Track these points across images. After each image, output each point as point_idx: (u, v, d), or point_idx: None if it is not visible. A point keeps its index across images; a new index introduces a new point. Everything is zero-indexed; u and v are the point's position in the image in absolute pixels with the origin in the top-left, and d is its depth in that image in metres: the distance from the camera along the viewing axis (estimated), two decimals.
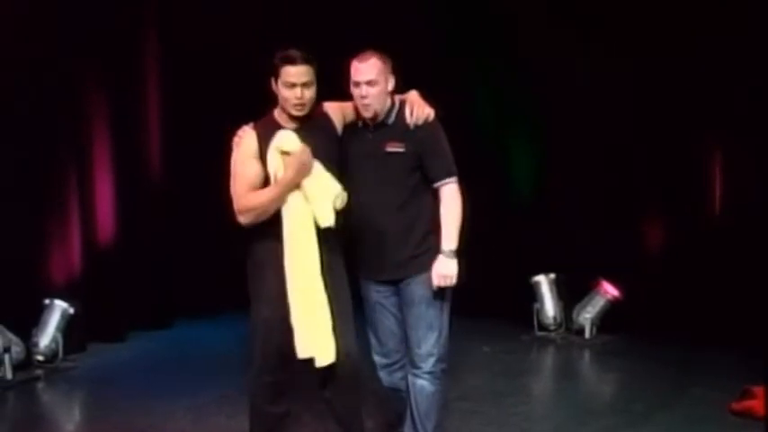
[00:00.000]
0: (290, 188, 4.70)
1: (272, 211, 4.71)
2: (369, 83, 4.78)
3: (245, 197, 4.73)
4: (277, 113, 4.84)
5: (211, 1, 8.76)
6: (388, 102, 4.89)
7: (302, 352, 4.75)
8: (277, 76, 4.74)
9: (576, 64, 8.12)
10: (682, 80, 7.76)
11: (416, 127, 4.87)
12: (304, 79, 4.71)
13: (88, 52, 7.95)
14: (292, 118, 4.79)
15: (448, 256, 4.85)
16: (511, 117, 8.71)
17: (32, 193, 7.57)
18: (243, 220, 4.77)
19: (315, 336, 4.73)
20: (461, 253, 4.91)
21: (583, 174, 8.28)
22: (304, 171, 4.69)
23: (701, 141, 7.93)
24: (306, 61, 4.73)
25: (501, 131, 8.77)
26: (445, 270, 4.86)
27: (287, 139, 4.71)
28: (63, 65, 7.70)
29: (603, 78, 8.00)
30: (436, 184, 4.89)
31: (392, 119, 4.90)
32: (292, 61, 4.71)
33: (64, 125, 7.81)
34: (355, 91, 4.82)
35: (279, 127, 4.80)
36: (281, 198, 4.70)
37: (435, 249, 4.89)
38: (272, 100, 4.86)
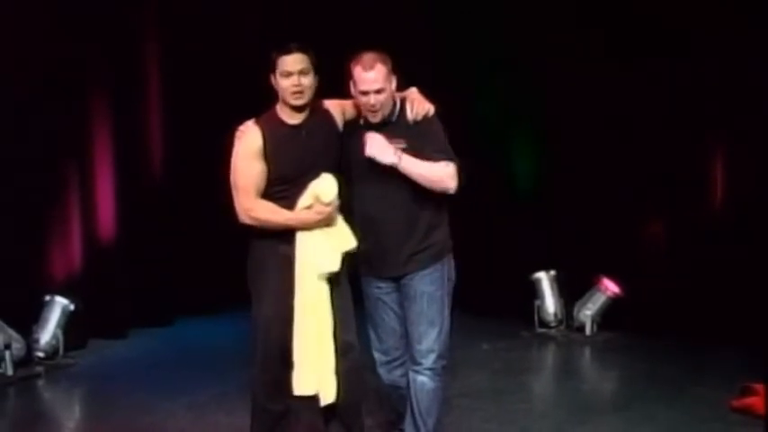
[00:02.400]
0: (305, 227, 4.76)
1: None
2: (377, 91, 4.76)
3: (256, 202, 4.77)
4: (279, 108, 4.86)
5: (211, 1, 8.76)
6: (391, 101, 4.89)
7: (302, 389, 4.79)
8: (274, 69, 4.77)
9: (576, 63, 8.11)
10: (682, 79, 7.75)
11: (416, 122, 4.87)
12: (300, 67, 4.74)
13: (88, 52, 7.95)
14: (294, 111, 4.81)
15: (397, 149, 4.76)
16: (511, 115, 8.70)
17: (34, 190, 7.56)
18: (243, 219, 4.82)
19: (319, 374, 4.79)
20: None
21: (583, 171, 8.26)
22: (328, 221, 4.78)
23: (701, 140, 7.92)
24: (300, 50, 4.77)
25: (502, 129, 8.76)
26: (382, 141, 4.75)
27: (325, 188, 4.75)
28: (63, 64, 7.71)
29: (604, 77, 7.99)
30: None
31: (395, 117, 4.90)
32: (287, 51, 4.76)
33: (65, 123, 7.81)
34: (362, 98, 4.80)
35: (281, 122, 4.83)
36: (292, 229, 4.76)
37: (437, 245, 4.91)
38: (273, 99, 4.87)
